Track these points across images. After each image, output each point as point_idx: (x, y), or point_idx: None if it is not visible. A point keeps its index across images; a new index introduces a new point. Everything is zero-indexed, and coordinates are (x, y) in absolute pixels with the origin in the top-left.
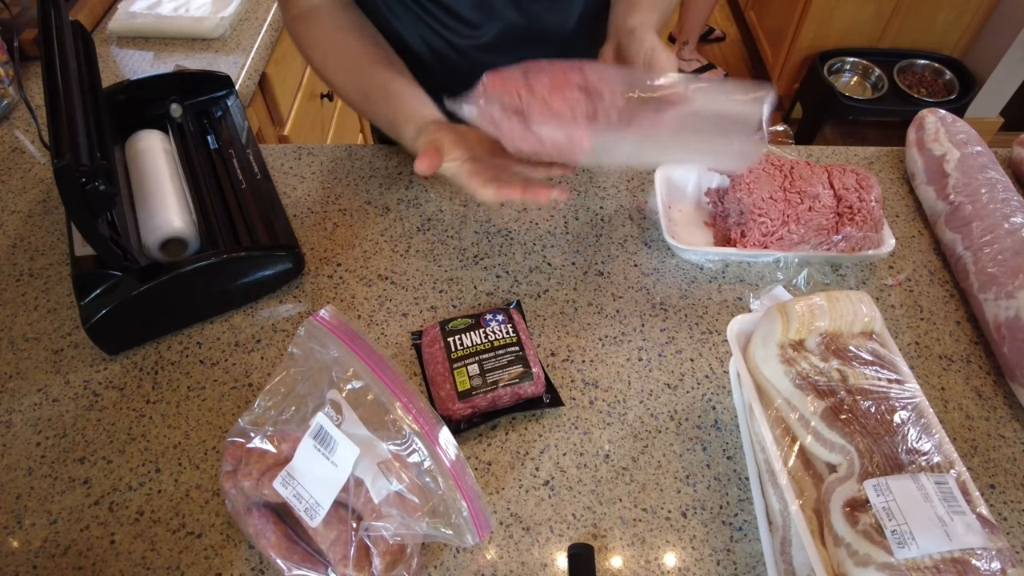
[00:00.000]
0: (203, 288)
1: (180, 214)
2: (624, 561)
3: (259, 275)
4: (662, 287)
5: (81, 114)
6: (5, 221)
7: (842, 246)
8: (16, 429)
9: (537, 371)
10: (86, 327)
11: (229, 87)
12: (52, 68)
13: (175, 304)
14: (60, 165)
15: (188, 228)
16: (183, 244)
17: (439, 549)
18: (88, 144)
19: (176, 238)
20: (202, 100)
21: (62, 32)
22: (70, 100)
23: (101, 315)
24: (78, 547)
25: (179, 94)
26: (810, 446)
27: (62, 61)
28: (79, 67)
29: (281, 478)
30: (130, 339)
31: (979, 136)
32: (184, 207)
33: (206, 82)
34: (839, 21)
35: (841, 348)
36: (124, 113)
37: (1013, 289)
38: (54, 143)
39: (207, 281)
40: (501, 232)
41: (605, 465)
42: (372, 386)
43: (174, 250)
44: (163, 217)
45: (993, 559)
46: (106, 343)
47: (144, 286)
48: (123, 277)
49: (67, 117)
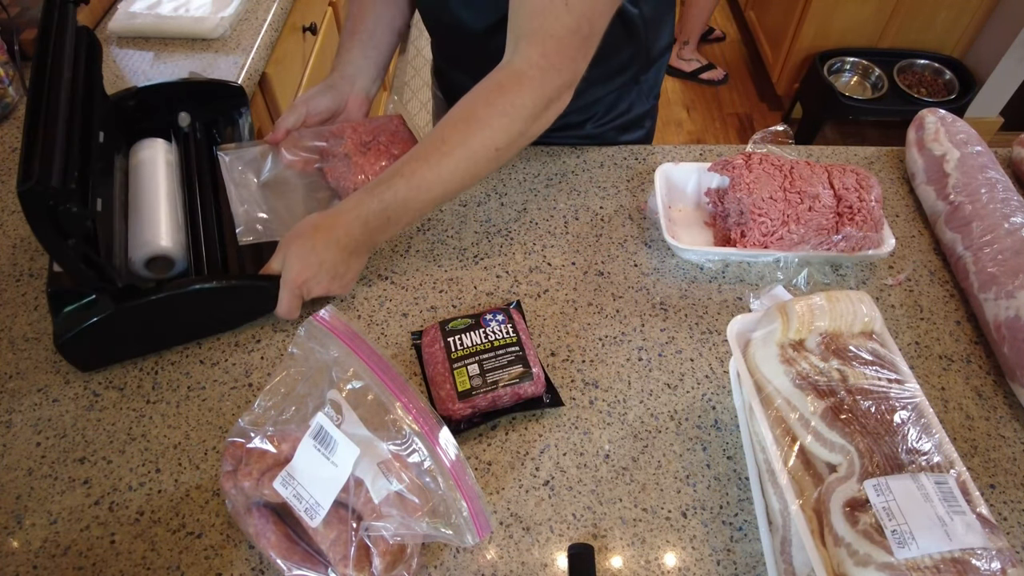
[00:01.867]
0: (180, 314)
1: (168, 232)
2: (624, 561)
3: (240, 305)
4: (662, 287)
5: (64, 128)
6: (5, 221)
7: (842, 246)
8: (16, 429)
9: (537, 371)
10: (57, 344)
11: (242, 99)
12: (40, 77)
13: (151, 327)
14: (23, 189)
15: (175, 247)
16: (170, 263)
17: (439, 549)
18: (64, 162)
19: (162, 256)
20: (213, 109)
21: (62, 40)
22: (53, 114)
23: (73, 333)
24: (78, 547)
25: (190, 102)
26: (810, 446)
27: (54, 70)
28: (75, 75)
29: (281, 478)
30: (103, 358)
31: (979, 136)
32: (174, 224)
33: (219, 92)
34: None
35: (841, 348)
36: (133, 119)
37: (1013, 289)
38: (23, 162)
39: (185, 308)
40: (501, 232)
41: (605, 465)
42: (372, 386)
43: (160, 267)
44: (151, 233)
45: (993, 559)
46: (78, 361)
47: (117, 308)
48: (98, 297)
49: (45, 133)
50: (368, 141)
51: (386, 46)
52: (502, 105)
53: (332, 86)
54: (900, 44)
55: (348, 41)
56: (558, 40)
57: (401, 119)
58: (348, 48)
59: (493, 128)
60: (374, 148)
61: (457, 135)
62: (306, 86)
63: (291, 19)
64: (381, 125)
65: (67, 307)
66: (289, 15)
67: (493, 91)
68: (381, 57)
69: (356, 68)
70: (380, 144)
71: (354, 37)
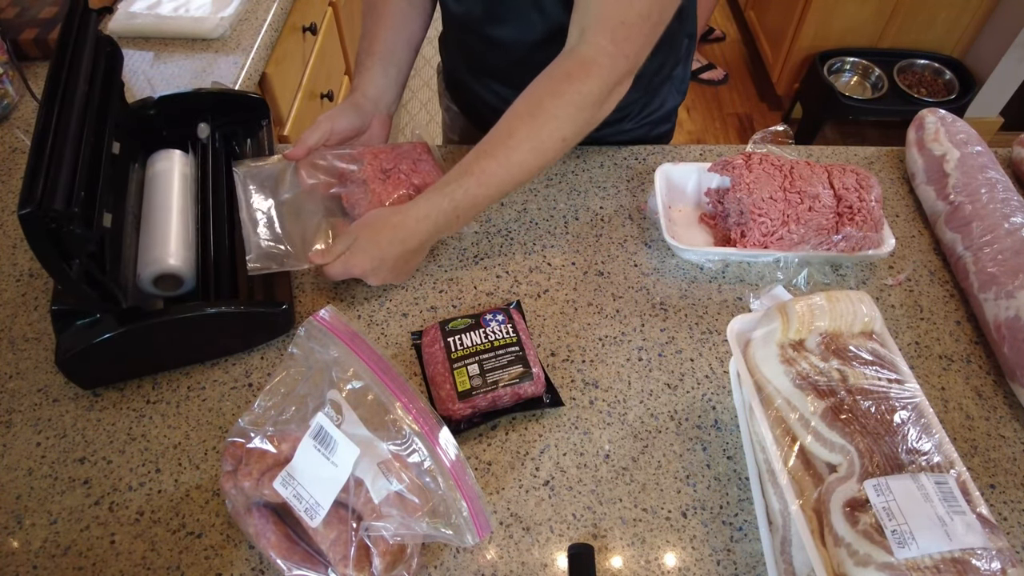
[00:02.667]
0: (185, 337)
1: (177, 250)
2: (624, 561)
3: (243, 331)
4: (662, 287)
5: (74, 145)
6: (5, 221)
7: (842, 246)
8: (16, 429)
9: (537, 371)
10: (58, 362)
11: (263, 111)
12: (55, 89)
13: (154, 349)
14: (24, 213)
15: (184, 265)
16: (178, 280)
17: (439, 549)
18: (70, 183)
19: (170, 275)
20: (233, 121)
21: (81, 50)
22: (63, 129)
23: (75, 352)
24: (78, 547)
25: (210, 113)
26: (810, 446)
27: (69, 82)
28: (92, 86)
29: (281, 478)
30: (105, 377)
31: (979, 136)
32: (184, 241)
33: (240, 103)
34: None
35: (841, 348)
36: (151, 128)
37: (1013, 289)
38: (27, 182)
39: (189, 331)
40: (501, 232)
41: (605, 465)
42: (372, 386)
43: (169, 285)
44: (160, 251)
45: (993, 559)
46: (80, 379)
47: (121, 329)
48: (102, 317)
49: (53, 151)
50: (388, 168)
51: (405, 64)
52: (570, 95)
53: (356, 105)
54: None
55: (367, 60)
56: (629, 27)
57: (425, 146)
58: (368, 67)
59: (560, 119)
60: (394, 176)
61: (524, 128)
62: (306, 86)
63: (291, 19)
64: (404, 152)
65: (70, 325)
66: (289, 15)
67: (561, 81)
68: (401, 76)
69: (378, 89)
70: (400, 172)
71: (373, 56)
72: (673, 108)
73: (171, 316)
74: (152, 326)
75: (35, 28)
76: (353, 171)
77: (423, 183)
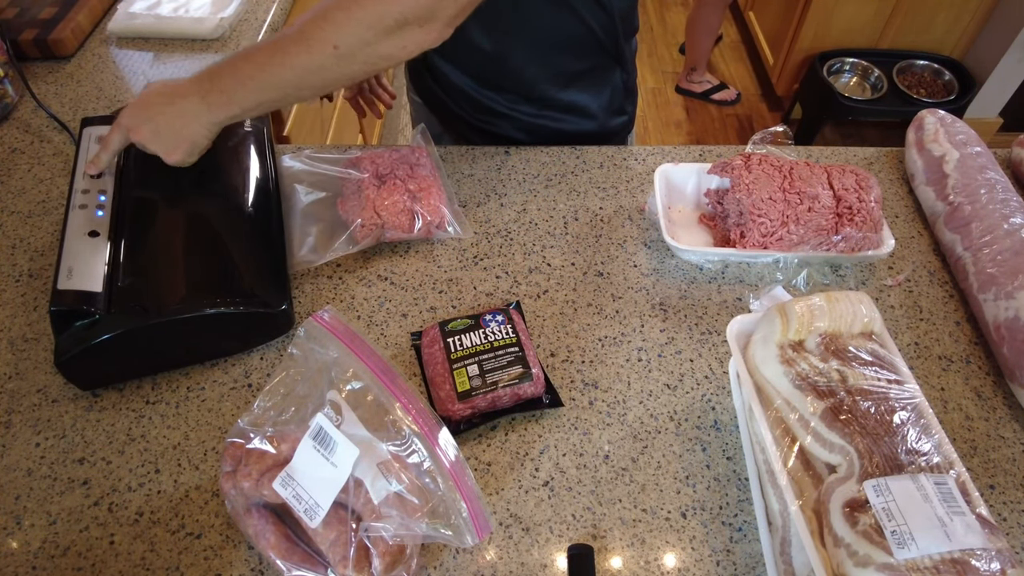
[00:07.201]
0: (182, 338)
1: None
2: (624, 562)
3: (243, 331)
4: (662, 287)
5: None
6: (5, 221)
7: (842, 246)
8: (16, 429)
9: (537, 372)
10: (57, 362)
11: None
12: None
13: (155, 349)
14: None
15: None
16: None
17: (439, 550)
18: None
19: None
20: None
21: None
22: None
23: (74, 353)
24: (78, 548)
25: None
26: (810, 446)
27: None
28: None
29: (281, 479)
30: (104, 378)
31: (978, 136)
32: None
33: None
34: (839, 21)
35: (841, 349)
36: None
37: (1013, 289)
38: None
39: (187, 332)
40: (501, 233)
41: (605, 466)
42: (372, 387)
43: None
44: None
45: (993, 559)
46: (79, 380)
47: (120, 330)
48: (101, 317)
49: None
50: (385, 174)
51: None
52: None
53: None
54: (900, 45)
55: None
56: None
57: (424, 152)
58: None
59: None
60: (389, 182)
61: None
62: None
63: (291, 19)
64: (402, 156)
65: (70, 326)
66: (289, 15)
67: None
68: None
69: None
70: (396, 178)
71: None
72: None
73: (170, 317)
74: (151, 327)
75: (35, 28)
76: (349, 176)
77: (419, 188)
